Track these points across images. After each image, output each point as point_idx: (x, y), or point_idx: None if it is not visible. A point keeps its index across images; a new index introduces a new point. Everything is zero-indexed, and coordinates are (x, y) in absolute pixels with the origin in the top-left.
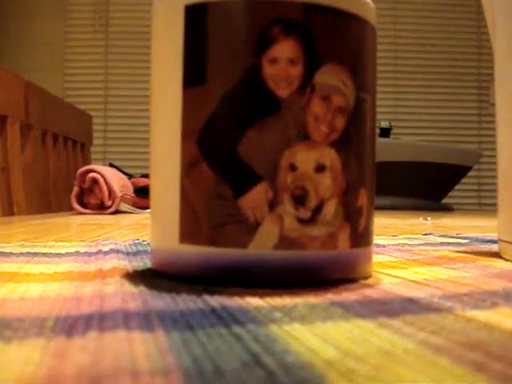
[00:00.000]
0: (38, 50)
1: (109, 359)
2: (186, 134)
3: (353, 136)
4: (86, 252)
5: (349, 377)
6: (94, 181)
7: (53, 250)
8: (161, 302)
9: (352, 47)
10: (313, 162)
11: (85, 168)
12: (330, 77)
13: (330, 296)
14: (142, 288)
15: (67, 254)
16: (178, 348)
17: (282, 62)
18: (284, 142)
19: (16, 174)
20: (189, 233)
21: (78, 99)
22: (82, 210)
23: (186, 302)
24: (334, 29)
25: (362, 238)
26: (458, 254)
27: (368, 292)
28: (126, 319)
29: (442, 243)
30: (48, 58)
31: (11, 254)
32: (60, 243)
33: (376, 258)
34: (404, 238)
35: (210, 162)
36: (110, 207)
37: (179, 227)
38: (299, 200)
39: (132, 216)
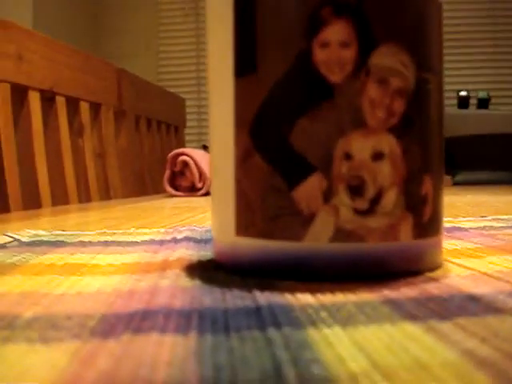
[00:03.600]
0: (131, 37)
1: (130, 366)
2: (238, 125)
3: (414, 120)
4: (160, 240)
5: None
6: (185, 164)
7: (129, 238)
8: (209, 298)
9: (411, 25)
10: (369, 150)
11: (175, 151)
12: (386, 58)
13: (385, 292)
14: (197, 282)
15: (142, 243)
16: (205, 354)
17: (333, 46)
18: (338, 130)
19: (111, 160)
20: (244, 225)
21: (172, 83)
22: (174, 192)
23: (235, 298)
24: (390, 7)
25: (427, 228)
26: None
27: (429, 287)
28: (166, 319)
29: None
30: (142, 44)
31: (89, 243)
32: (140, 230)
33: (453, 245)
34: (492, 220)
35: (262, 153)
36: (201, 189)
37: (235, 220)
38: (356, 190)
39: None
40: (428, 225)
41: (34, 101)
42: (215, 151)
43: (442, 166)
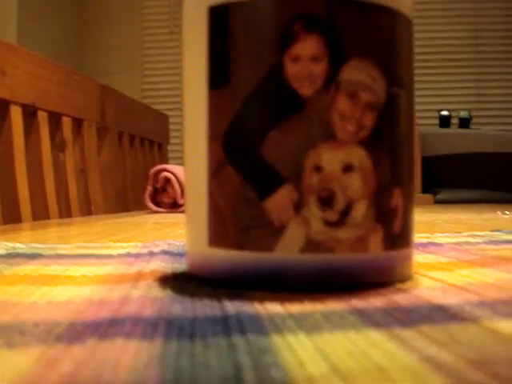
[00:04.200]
0: (116, 54)
1: (92, 369)
2: (212, 137)
3: (385, 133)
4: (136, 253)
5: None
6: (167, 180)
7: (106, 252)
8: (179, 307)
9: (382, 41)
10: (339, 162)
11: (157, 168)
12: (356, 72)
13: (353, 302)
14: (169, 292)
15: (117, 256)
16: (168, 359)
17: (304, 60)
18: (308, 143)
19: (94, 175)
20: (217, 236)
21: (156, 100)
22: (155, 208)
23: (204, 307)
24: (361, 22)
25: (397, 240)
26: None
27: (397, 297)
28: (133, 326)
29: (507, 241)
30: (126, 61)
31: (65, 255)
32: (117, 244)
33: (426, 259)
34: (468, 236)
35: (234, 164)
36: (182, 205)
37: (208, 231)
38: (326, 202)
39: None
40: (398, 237)
41: (16, 115)
42: (189, 163)
43: (413, 179)
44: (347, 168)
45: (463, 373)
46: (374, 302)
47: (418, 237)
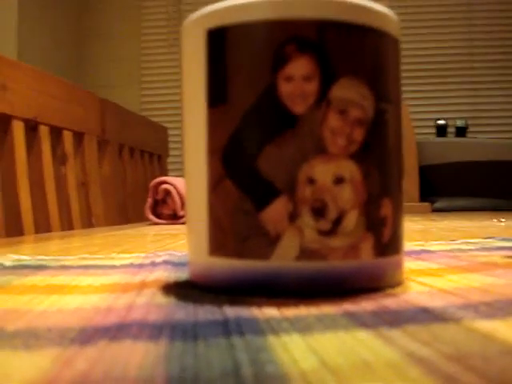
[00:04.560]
0: (115, 67)
1: (104, 367)
2: (211, 152)
3: (373, 147)
4: (140, 264)
5: None
6: (167, 192)
7: (110, 262)
8: (182, 312)
9: (370, 60)
10: (331, 175)
11: (158, 180)
12: (346, 90)
13: (345, 306)
14: (172, 299)
15: (121, 266)
16: (174, 358)
17: (296, 79)
18: (301, 157)
19: (94, 188)
20: (217, 246)
21: (154, 112)
22: (156, 220)
23: (206, 312)
24: (350, 43)
25: (387, 248)
26: (507, 260)
27: (387, 302)
28: (140, 330)
29: (499, 248)
30: (125, 74)
31: (70, 266)
32: (121, 255)
33: (418, 266)
34: (462, 243)
35: (232, 178)
36: (182, 217)
37: (208, 241)
38: (319, 212)
39: None
40: (388, 245)
41: (18, 130)
42: (189, 177)
43: (401, 189)
44: (338, 180)
45: (440, 366)
46: (365, 305)
47: (411, 244)
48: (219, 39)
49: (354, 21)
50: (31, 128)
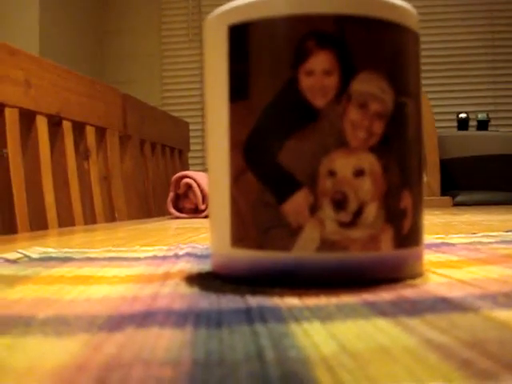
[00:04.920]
0: (136, 63)
1: (132, 351)
2: (233, 146)
3: (393, 140)
4: (163, 256)
5: (334, 371)
6: (189, 186)
7: (134, 255)
8: (205, 301)
9: (389, 54)
10: (351, 167)
11: (179, 174)
12: (366, 84)
13: (365, 296)
14: (195, 289)
15: (145, 258)
16: (199, 343)
17: (317, 74)
18: (322, 150)
19: (116, 183)
20: (239, 237)
21: (176, 107)
22: (177, 214)
23: (228, 301)
24: (369, 38)
25: (407, 239)
26: None
27: (406, 292)
28: (166, 317)
29: None
30: (146, 70)
31: (95, 258)
32: (144, 248)
33: (438, 258)
34: (482, 236)
35: (254, 171)
36: (204, 211)
37: (230, 232)
38: (339, 204)
39: None
40: (407, 236)
41: (42, 125)
42: (212, 170)
43: (422, 182)
44: (358, 173)
45: (456, 351)
46: (384, 295)
47: (432, 237)
48: (241, 35)
49: (373, 15)
50: (54, 123)
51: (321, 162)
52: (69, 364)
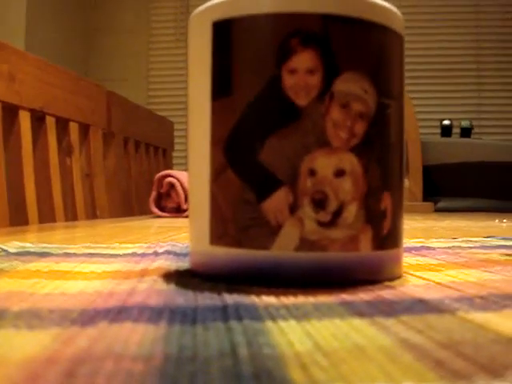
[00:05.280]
0: (123, 61)
1: (104, 345)
2: (214, 143)
3: (375, 141)
4: (142, 253)
5: (308, 368)
6: (171, 185)
7: (112, 251)
8: (181, 298)
9: (373, 55)
10: (332, 167)
11: (162, 173)
12: (349, 84)
13: (343, 296)
14: (172, 286)
15: (124, 255)
16: (172, 338)
17: (300, 73)
18: (303, 149)
19: (99, 180)
20: (218, 235)
21: (161, 106)
22: (159, 213)
23: (205, 299)
24: (354, 38)
25: (386, 241)
26: (506, 258)
27: (384, 293)
28: (140, 313)
29: (498, 246)
30: (133, 68)
31: (74, 254)
32: (123, 245)
33: (417, 261)
34: (462, 241)
35: (234, 168)
36: (186, 210)
37: (209, 230)
38: (319, 204)
39: None
40: (387, 238)
41: (25, 120)
42: (193, 167)
43: (402, 184)
44: (339, 173)
45: (431, 351)
46: (362, 296)
47: (413, 241)
48: (225, 31)
49: (359, 16)
50: (38, 119)
51: (302, 161)
52: (38, 356)
